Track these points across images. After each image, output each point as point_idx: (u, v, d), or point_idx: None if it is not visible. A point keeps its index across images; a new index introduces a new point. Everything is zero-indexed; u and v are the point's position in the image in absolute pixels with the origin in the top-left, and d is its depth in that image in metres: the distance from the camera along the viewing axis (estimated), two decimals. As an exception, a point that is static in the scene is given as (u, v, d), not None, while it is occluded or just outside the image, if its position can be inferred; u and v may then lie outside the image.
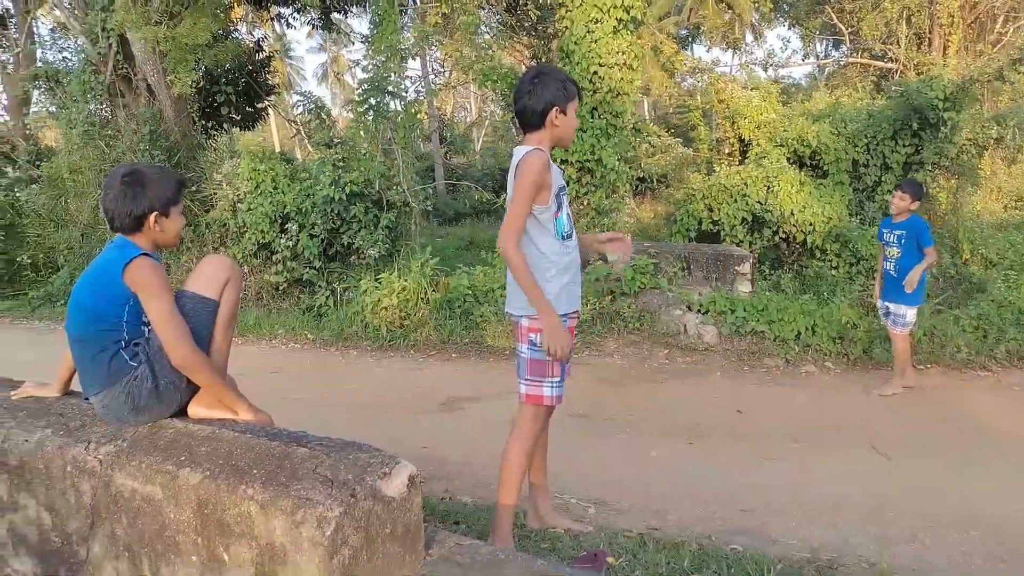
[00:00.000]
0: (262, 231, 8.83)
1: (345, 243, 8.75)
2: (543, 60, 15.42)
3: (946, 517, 3.35)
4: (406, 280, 7.38)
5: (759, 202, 9.62)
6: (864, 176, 9.98)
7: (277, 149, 18.21)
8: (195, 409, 2.24)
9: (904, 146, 9.58)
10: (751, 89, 11.69)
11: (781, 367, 6.12)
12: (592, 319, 6.85)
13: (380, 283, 7.48)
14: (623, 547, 2.65)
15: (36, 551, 2.21)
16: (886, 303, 5.33)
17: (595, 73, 8.39)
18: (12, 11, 13.20)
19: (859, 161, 9.95)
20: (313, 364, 6.66)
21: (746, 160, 10.83)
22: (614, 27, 8.33)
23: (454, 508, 3.15)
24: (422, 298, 7.35)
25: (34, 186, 10.99)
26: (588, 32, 8.30)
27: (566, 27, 8.55)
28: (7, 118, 13.74)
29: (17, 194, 10.98)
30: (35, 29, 13.27)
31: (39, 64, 12.51)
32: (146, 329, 2.20)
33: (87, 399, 2.21)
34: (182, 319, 2.11)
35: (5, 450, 2.19)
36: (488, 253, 8.54)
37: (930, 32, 16.01)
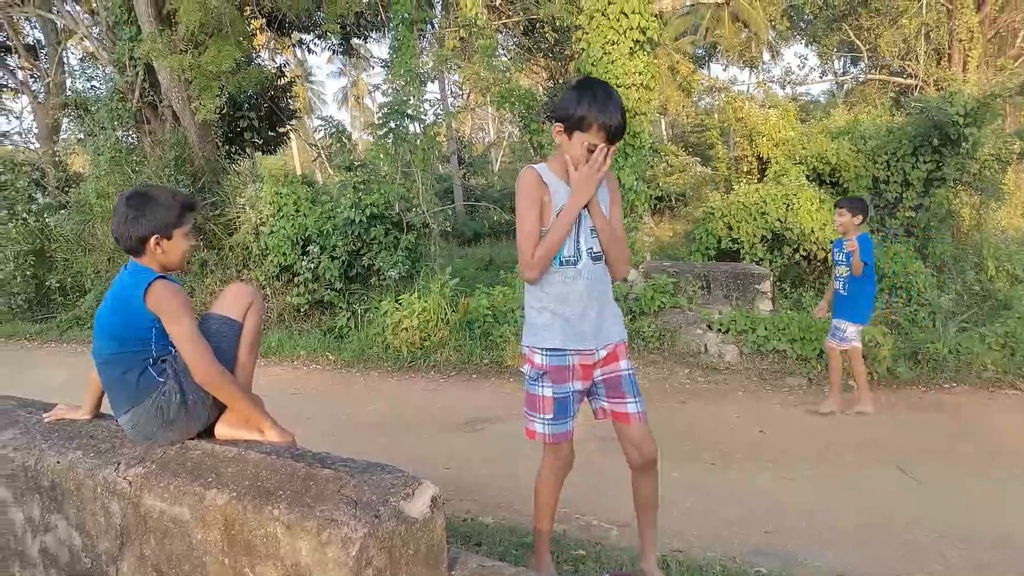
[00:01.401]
0: (284, 254, 8.94)
1: (365, 264, 8.83)
2: (560, 81, 15.56)
3: (977, 538, 3.29)
4: (426, 301, 7.43)
5: (779, 220, 9.59)
6: (884, 193, 9.91)
7: (298, 172, 18.43)
8: (222, 429, 2.29)
9: (925, 162, 9.51)
10: (769, 107, 11.69)
11: (804, 386, 6.06)
12: (612, 339, 6.84)
13: (400, 304, 7.53)
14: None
15: (67, 571, 2.25)
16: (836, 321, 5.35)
17: (612, 94, 8.45)
18: (43, 42, 13.57)
19: (879, 178, 9.89)
20: (334, 385, 6.69)
21: (765, 178, 10.81)
22: (631, 48, 8.40)
23: (476, 529, 3.15)
24: (442, 319, 7.38)
25: (63, 211, 11.21)
26: (605, 54, 8.38)
27: (583, 49, 8.63)
28: (38, 146, 14.07)
29: (47, 219, 11.20)
30: (65, 59, 13.61)
31: (69, 93, 12.82)
32: (173, 348, 2.25)
33: (117, 420, 2.26)
34: (203, 339, 2.16)
35: (38, 471, 2.24)
36: (507, 273, 8.58)
37: (949, 48, 15.92)
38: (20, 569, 2.36)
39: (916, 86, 16.75)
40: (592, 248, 2.38)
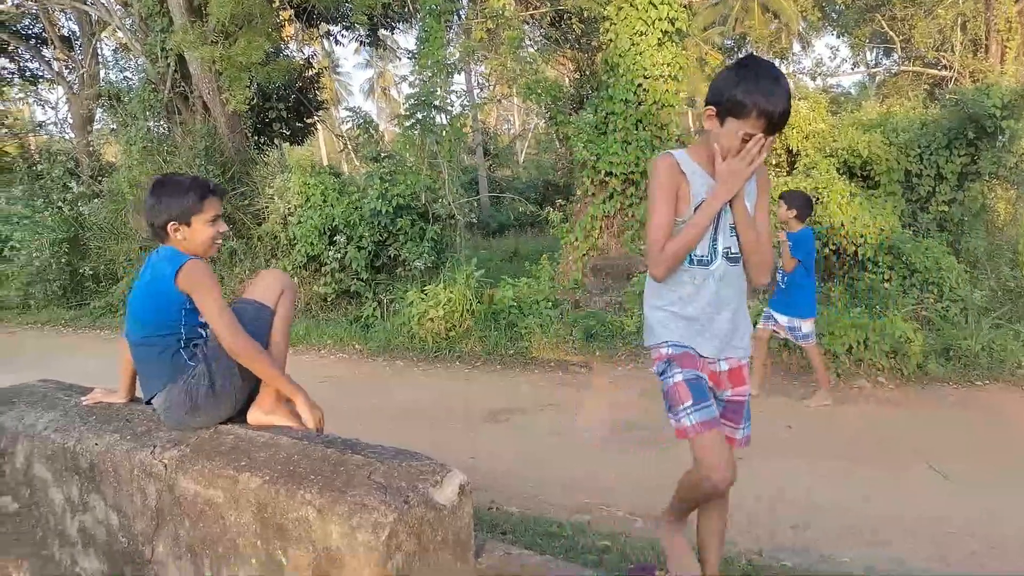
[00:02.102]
0: (311, 243, 9.03)
1: (392, 255, 8.90)
2: (587, 73, 15.46)
3: (1012, 541, 3.24)
4: (452, 292, 7.46)
5: (808, 213, 9.46)
6: (917, 187, 9.72)
7: (325, 163, 18.64)
8: (254, 414, 2.32)
9: (959, 156, 9.32)
10: (799, 99, 11.53)
11: (832, 382, 5.99)
12: (638, 331, 6.82)
13: (426, 295, 7.58)
14: (671, 561, 2.63)
15: (104, 550, 2.31)
16: (773, 311, 5.33)
17: (640, 85, 8.40)
18: (78, 33, 13.81)
19: (912, 171, 9.70)
20: (361, 374, 6.76)
21: (794, 171, 10.67)
22: (659, 39, 8.33)
23: (501, 518, 3.17)
24: (467, 309, 7.42)
25: (96, 200, 11.44)
26: (633, 45, 8.32)
27: (610, 40, 8.57)
28: (72, 135, 14.33)
29: (81, 208, 11.43)
30: (99, 50, 13.83)
31: (102, 84, 13.03)
32: (203, 331, 2.30)
33: (148, 402, 2.31)
34: (232, 313, 2.20)
35: (77, 453, 2.30)
36: (532, 265, 8.58)
37: (986, 38, 15.55)
38: (59, 547, 2.43)
39: (951, 78, 16.40)
40: (730, 249, 2.12)
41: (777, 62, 26.86)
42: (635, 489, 3.77)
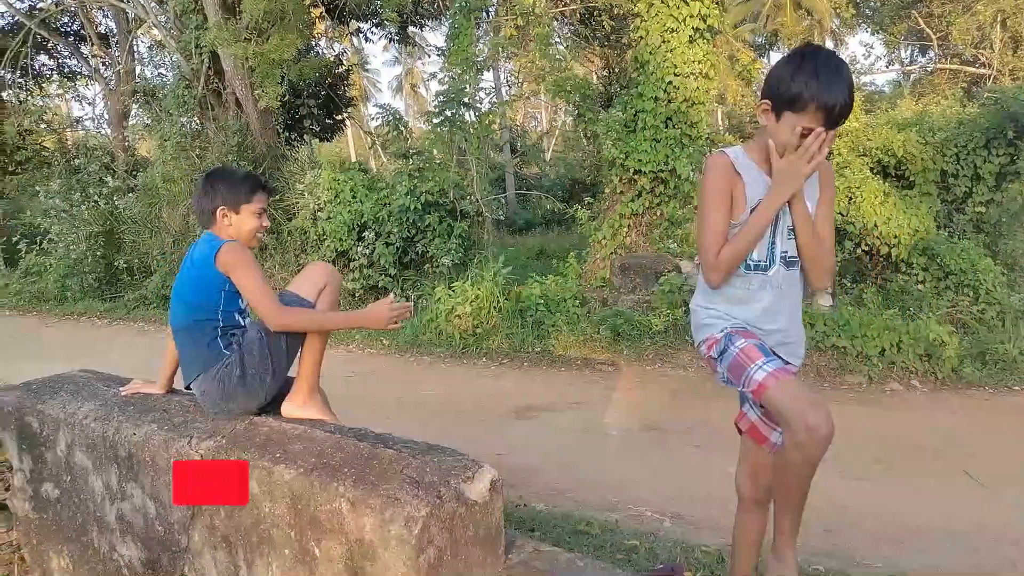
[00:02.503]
0: (340, 239, 9.12)
1: (419, 251, 8.95)
2: (616, 70, 15.39)
3: (1046, 547, 3.17)
4: (479, 289, 7.48)
5: (840, 213, 9.31)
6: (953, 187, 9.54)
7: (353, 159, 18.77)
8: (288, 408, 2.36)
9: (998, 156, 9.12)
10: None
11: (864, 384, 5.91)
12: (665, 330, 6.78)
13: (454, 291, 7.61)
14: (701, 562, 2.63)
15: (141, 537, 2.36)
16: None
17: (670, 83, 8.34)
18: (115, 31, 14.07)
19: (948, 171, 9.52)
20: (389, 369, 6.81)
21: (826, 170, 10.53)
22: (690, 36, 8.27)
23: (529, 515, 3.18)
24: (494, 307, 7.43)
25: (131, 195, 11.64)
26: (664, 42, 8.26)
27: (641, 37, 8.52)
28: (108, 131, 14.62)
29: (116, 202, 11.64)
30: (135, 48, 14.09)
31: (138, 80, 13.27)
32: (241, 319, 2.36)
33: (188, 387, 2.37)
34: (271, 290, 2.26)
35: (116, 442, 2.35)
36: (559, 262, 8.57)
37: (1028, 35, 15.20)
38: (98, 533, 2.48)
39: (990, 76, 16.05)
40: (787, 252, 1.99)
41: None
42: (663, 489, 3.76)
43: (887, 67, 23.60)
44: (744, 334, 1.98)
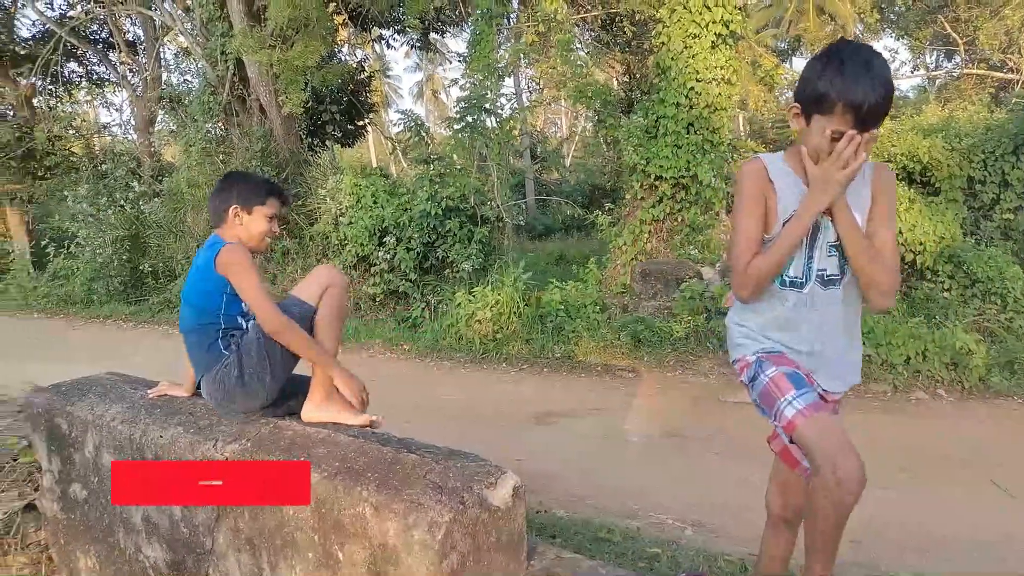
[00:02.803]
0: (361, 244, 9.17)
1: (440, 256, 8.98)
2: (637, 76, 15.37)
3: (1077, 561, 3.11)
4: (499, 294, 7.49)
5: (864, 220, 9.24)
6: (980, 194, 9.40)
7: (374, 165, 18.92)
8: (307, 410, 2.38)
9: (1027, 162, 8.98)
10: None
11: (889, 393, 5.83)
12: (687, 337, 6.74)
13: (474, 296, 7.62)
14: (723, 571, 2.60)
15: (166, 539, 2.38)
16: None
17: (692, 88, 8.31)
18: (143, 38, 14.30)
19: (975, 178, 9.38)
20: (409, 374, 6.84)
21: (850, 176, 10.42)
22: (712, 42, 8.24)
23: (549, 521, 3.17)
24: (514, 312, 7.43)
25: (156, 200, 11.81)
26: (686, 47, 8.24)
27: (663, 43, 8.51)
28: (135, 137, 14.85)
29: (142, 207, 11.82)
30: (161, 55, 14.31)
31: (164, 87, 13.47)
32: (243, 321, 2.38)
33: (197, 387, 2.42)
34: (269, 294, 2.28)
35: (143, 444, 2.38)
36: (579, 268, 8.55)
37: (1057, 40, 14.96)
38: (124, 534, 2.51)
39: (1018, 81, 15.79)
40: (826, 271, 1.83)
41: (833, 65, 25.98)
42: (684, 496, 3.73)
43: (912, 72, 23.35)
44: (776, 360, 1.87)
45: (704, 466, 4.32)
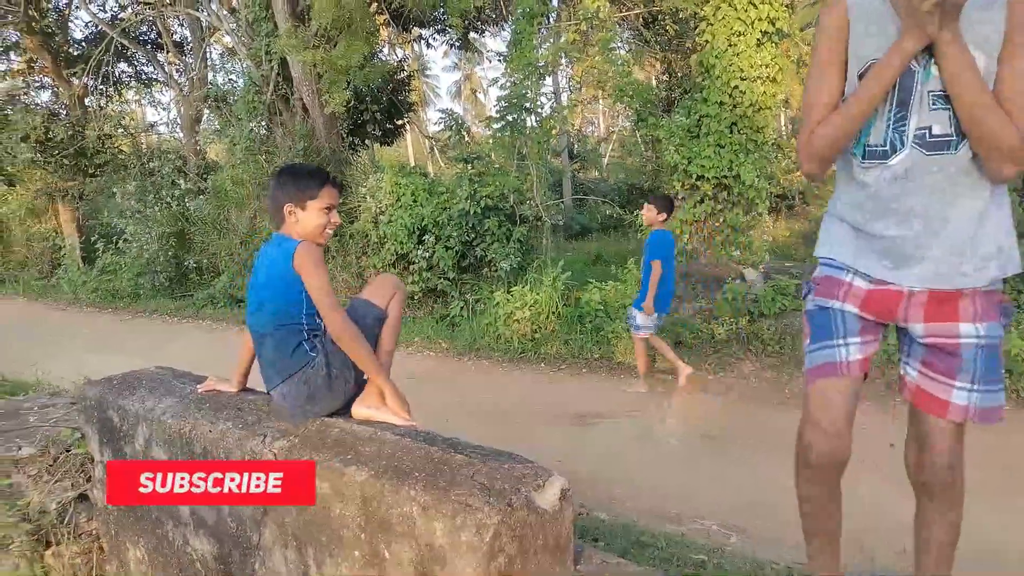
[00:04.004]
0: (401, 242, 9.23)
1: (478, 255, 8.98)
2: (678, 75, 15.19)
3: None
4: (538, 293, 7.46)
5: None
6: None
7: (412, 164, 19.07)
8: (358, 409, 2.38)
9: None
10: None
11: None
12: (728, 339, 6.64)
13: (512, 296, 7.61)
14: (770, 580, 2.55)
15: (214, 533, 2.41)
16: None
17: (736, 87, 8.18)
18: (190, 39, 14.61)
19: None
20: (447, 372, 6.86)
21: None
22: (758, 40, 8.10)
23: (591, 524, 3.14)
24: (553, 312, 7.40)
25: (201, 197, 12.04)
26: (730, 45, 8.12)
27: (707, 41, 8.39)
28: (181, 135, 15.17)
29: (187, 204, 12.06)
30: (208, 55, 14.59)
31: (209, 86, 13.73)
32: (320, 321, 2.36)
33: (268, 392, 2.40)
34: (335, 297, 2.27)
35: (192, 438, 2.41)
36: (617, 268, 8.49)
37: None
38: (173, 527, 2.55)
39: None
40: (931, 129, 1.43)
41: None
42: (728, 501, 3.67)
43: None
44: (819, 288, 1.62)
45: (747, 470, 4.24)
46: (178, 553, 2.58)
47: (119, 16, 15.53)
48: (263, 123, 11.42)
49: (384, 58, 14.96)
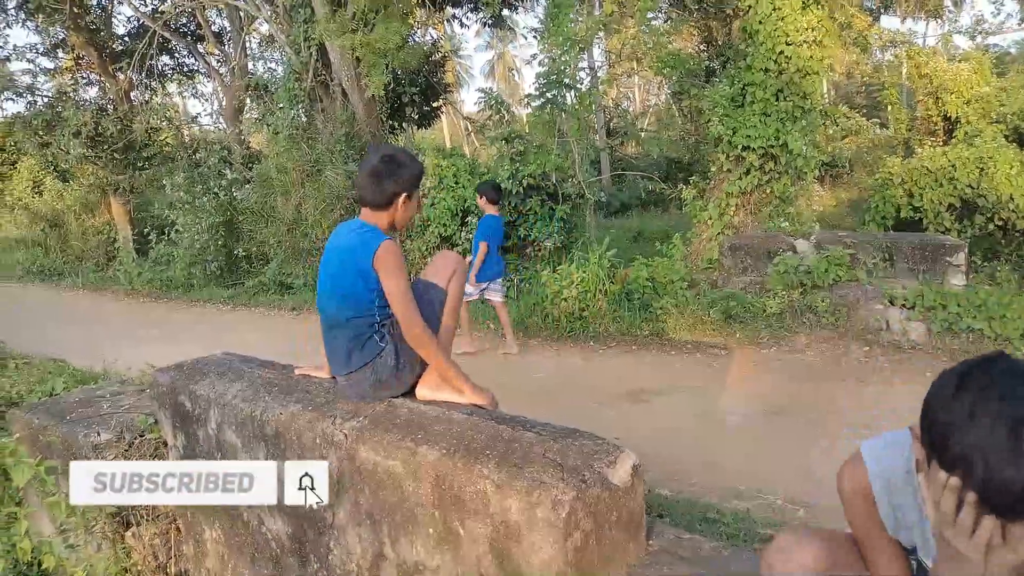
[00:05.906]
0: (444, 224, 9.27)
1: (521, 235, 8.97)
2: (718, 43, 14.85)
3: None
4: (584, 271, 7.42)
5: (970, 186, 8.69)
6: (1104, 153, 8.70)
7: (448, 146, 19.08)
8: (422, 391, 2.41)
9: None
10: (960, 61, 10.55)
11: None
12: (782, 312, 6.52)
13: (559, 274, 7.58)
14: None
15: (288, 512, 2.47)
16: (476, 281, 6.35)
17: (781, 53, 7.95)
18: (229, 28, 14.79)
19: (1098, 136, 8.69)
20: (496, 351, 6.87)
21: (953, 139, 9.81)
22: (803, 2, 7.85)
23: (655, 501, 3.13)
24: (600, 289, 7.35)
25: (247, 186, 12.23)
26: (775, 9, 7.89)
27: (750, 6, 8.17)
28: (224, 125, 15.42)
29: (234, 193, 12.27)
30: (247, 44, 14.75)
31: (250, 75, 13.90)
32: (391, 311, 2.38)
33: (334, 377, 2.44)
34: (414, 301, 2.28)
35: (263, 421, 2.47)
36: (661, 244, 8.39)
37: None
38: (248, 508, 2.63)
39: None
40: None
41: (925, 23, 24.24)
42: (791, 476, 3.62)
43: (1020, 25, 21.68)
44: None
45: (807, 443, 4.18)
46: (253, 533, 2.65)
47: (159, 9, 15.79)
48: (304, 110, 11.52)
49: (419, 40, 14.94)
